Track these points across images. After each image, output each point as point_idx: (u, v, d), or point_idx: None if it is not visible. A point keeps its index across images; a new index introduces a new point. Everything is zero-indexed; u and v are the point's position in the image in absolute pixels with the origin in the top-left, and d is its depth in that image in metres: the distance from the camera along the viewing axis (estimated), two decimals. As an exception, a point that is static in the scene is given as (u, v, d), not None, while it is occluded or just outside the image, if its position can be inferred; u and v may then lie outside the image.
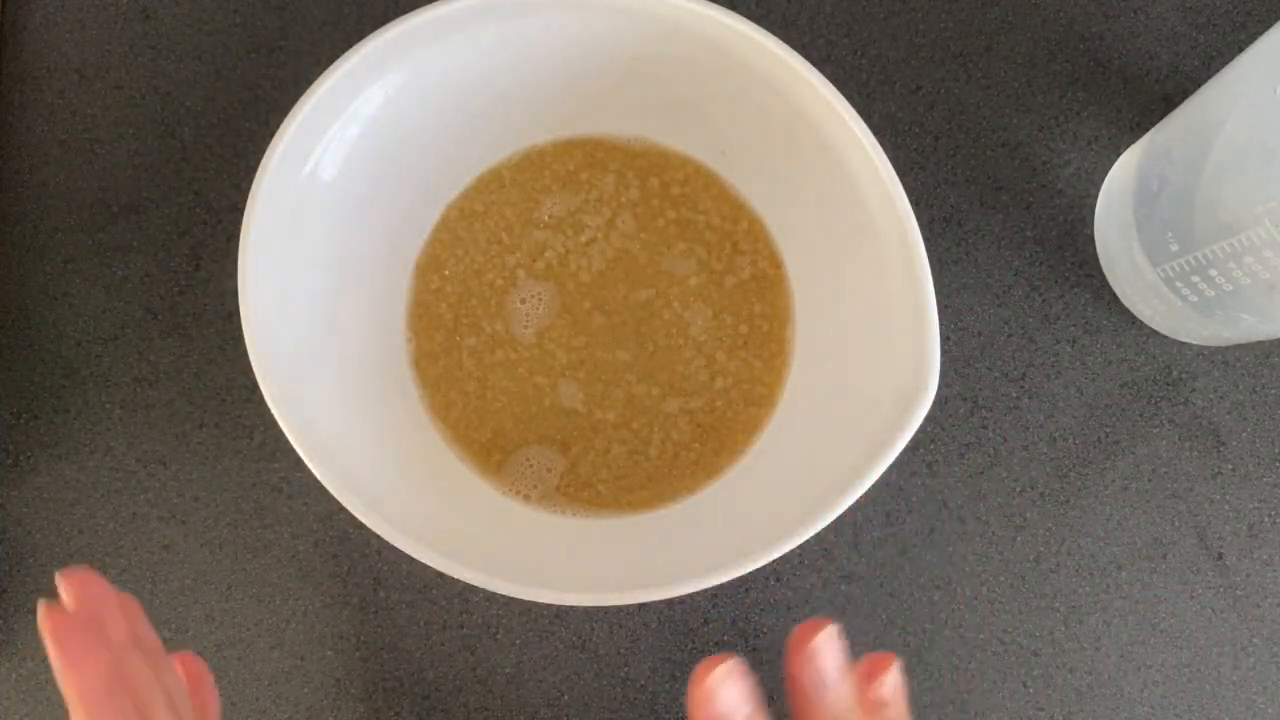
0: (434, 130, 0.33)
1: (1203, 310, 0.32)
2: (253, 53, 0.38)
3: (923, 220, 0.34)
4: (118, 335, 0.37)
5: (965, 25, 0.38)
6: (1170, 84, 0.38)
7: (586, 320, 0.35)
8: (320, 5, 0.38)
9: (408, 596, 0.36)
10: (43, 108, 0.38)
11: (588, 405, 0.35)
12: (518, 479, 0.35)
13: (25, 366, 0.37)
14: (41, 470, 0.37)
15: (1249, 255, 0.28)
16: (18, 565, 0.36)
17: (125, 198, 0.37)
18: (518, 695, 0.36)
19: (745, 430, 0.35)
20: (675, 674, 0.36)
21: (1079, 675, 0.36)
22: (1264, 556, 0.36)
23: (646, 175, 0.36)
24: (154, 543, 0.37)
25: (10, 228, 0.37)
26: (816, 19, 0.38)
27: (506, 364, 0.35)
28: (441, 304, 0.36)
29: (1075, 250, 0.37)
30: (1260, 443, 0.37)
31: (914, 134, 0.37)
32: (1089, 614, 0.36)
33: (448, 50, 0.31)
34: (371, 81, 0.30)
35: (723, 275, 0.36)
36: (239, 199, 0.29)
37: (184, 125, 0.37)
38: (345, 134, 0.31)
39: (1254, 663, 0.36)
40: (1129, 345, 0.37)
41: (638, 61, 0.32)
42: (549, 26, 0.31)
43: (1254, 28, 0.38)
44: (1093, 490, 0.37)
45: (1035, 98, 0.38)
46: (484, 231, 0.36)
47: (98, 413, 0.37)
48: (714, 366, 0.35)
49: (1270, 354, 0.37)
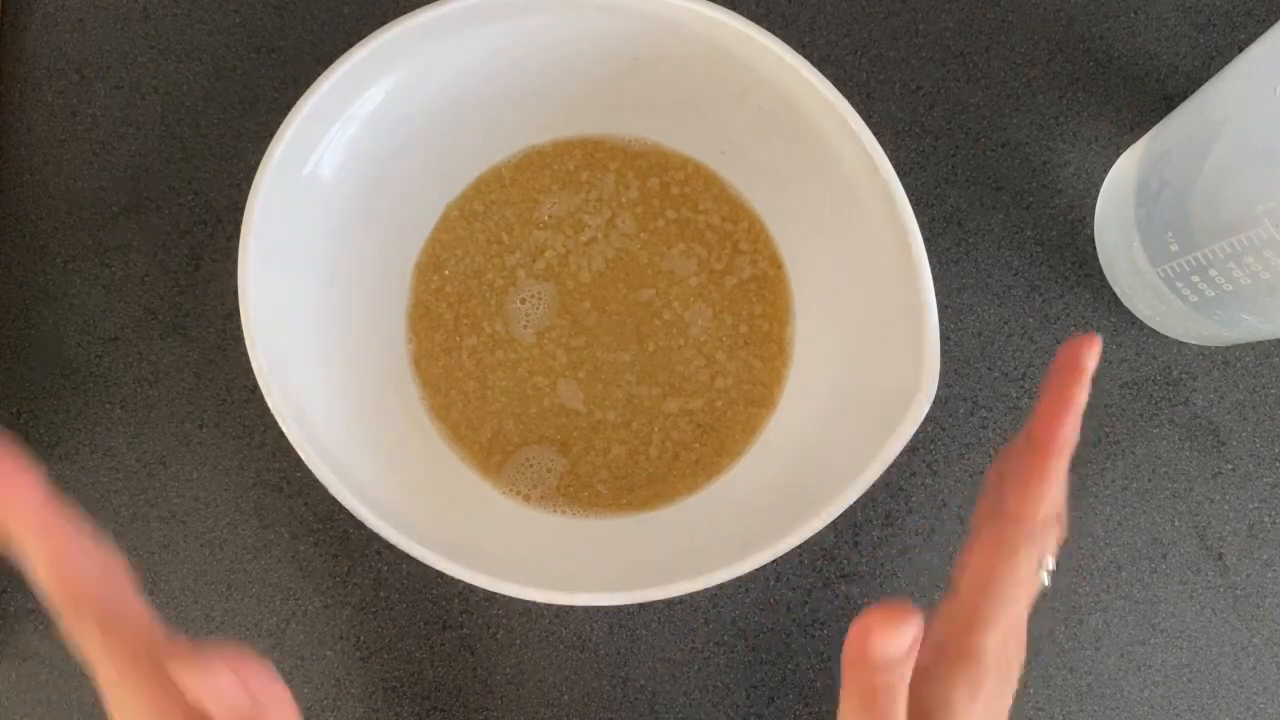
0: (434, 130, 0.33)
1: (1203, 310, 0.32)
2: (253, 53, 0.38)
3: (923, 220, 0.34)
4: (118, 335, 0.37)
5: (965, 25, 0.38)
6: (1170, 84, 0.38)
7: (586, 320, 0.35)
8: (320, 5, 0.38)
9: (408, 596, 0.36)
10: (43, 108, 0.38)
11: (588, 405, 0.35)
12: (518, 479, 0.35)
13: (25, 366, 0.37)
14: (41, 470, 0.37)
15: (1249, 255, 0.28)
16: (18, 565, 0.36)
17: (125, 198, 0.37)
18: (518, 695, 0.36)
19: (745, 430, 0.35)
20: (675, 674, 0.36)
21: (1079, 675, 0.36)
22: (1264, 556, 0.36)
23: (646, 175, 0.36)
24: (154, 543, 0.37)
25: (10, 228, 0.37)
26: (816, 19, 0.38)
27: (506, 364, 0.35)
28: (441, 304, 0.36)
29: (1075, 250, 0.37)
30: (1260, 443, 0.37)
31: (914, 134, 0.37)
32: (1089, 614, 0.36)
33: (448, 50, 0.31)
34: (371, 81, 0.30)
35: (723, 275, 0.36)
36: (239, 199, 0.29)
37: (184, 125, 0.37)
38: (345, 134, 0.31)
39: (1254, 663, 0.36)
40: (1129, 345, 0.37)
41: (638, 61, 0.32)
42: (549, 26, 0.31)
43: (1254, 28, 0.38)
44: (1093, 490, 0.37)
45: (1035, 98, 0.38)
46: (484, 231, 0.36)
47: (98, 413, 0.37)
48: (714, 366, 0.35)
49: (1270, 354, 0.37)
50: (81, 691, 0.36)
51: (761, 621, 0.36)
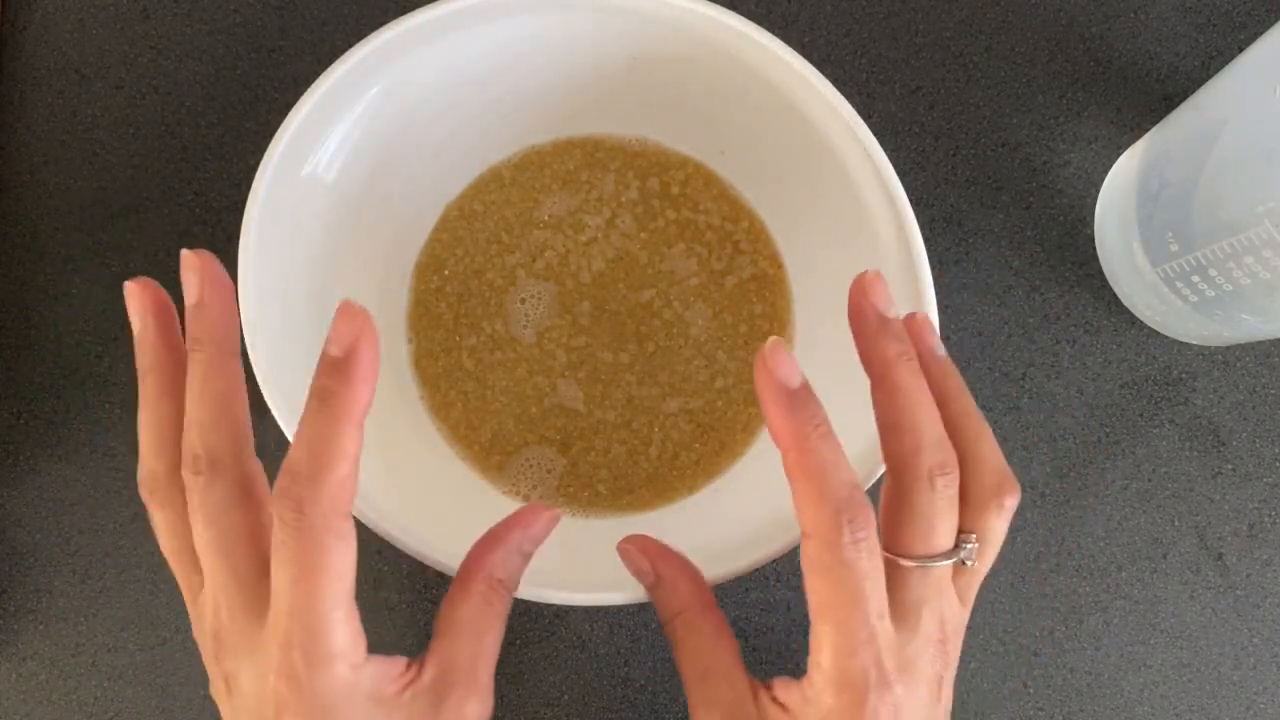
0: (433, 130, 0.33)
1: (1203, 310, 0.32)
2: (253, 53, 0.38)
3: (923, 220, 0.34)
4: (118, 335, 0.37)
5: (965, 25, 0.38)
6: (1170, 84, 0.38)
7: (586, 320, 0.35)
8: (320, 5, 0.38)
9: (407, 596, 0.36)
10: (43, 108, 0.38)
11: (588, 405, 0.35)
12: (518, 479, 0.35)
13: (25, 366, 0.37)
14: (41, 470, 0.37)
15: (1249, 255, 0.28)
16: (18, 565, 0.36)
17: (125, 198, 0.37)
18: (517, 695, 0.36)
19: (745, 430, 0.35)
20: (675, 674, 0.36)
21: (1079, 675, 0.36)
22: (1264, 556, 0.36)
23: (646, 175, 0.36)
24: (154, 543, 0.36)
25: (10, 228, 0.37)
26: (816, 19, 0.38)
27: (506, 364, 0.35)
28: (441, 304, 0.36)
29: (1075, 250, 0.37)
30: (1260, 443, 0.37)
31: (914, 134, 0.37)
32: (1089, 614, 0.36)
33: (447, 50, 0.31)
34: (371, 82, 0.30)
35: (723, 275, 0.36)
36: (239, 199, 0.29)
37: (184, 125, 0.37)
38: (345, 134, 0.31)
39: (1254, 663, 0.36)
40: (1129, 345, 0.37)
41: (638, 61, 0.32)
42: (549, 26, 0.31)
43: (1254, 28, 0.38)
44: (1093, 490, 0.37)
45: (1035, 98, 0.38)
46: (484, 231, 0.36)
47: (98, 413, 0.37)
48: (714, 366, 0.35)
49: (1270, 354, 0.37)
50: (81, 691, 0.36)
51: (761, 621, 0.36)
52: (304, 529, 0.23)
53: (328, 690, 0.23)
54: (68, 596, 0.36)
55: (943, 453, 0.25)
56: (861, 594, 0.23)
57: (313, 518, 0.23)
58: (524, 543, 0.27)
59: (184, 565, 0.26)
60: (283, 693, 0.23)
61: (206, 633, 0.25)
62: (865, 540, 0.23)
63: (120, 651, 0.36)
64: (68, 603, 0.36)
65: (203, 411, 0.25)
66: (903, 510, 0.25)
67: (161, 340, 0.27)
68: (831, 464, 0.23)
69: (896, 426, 0.25)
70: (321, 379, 0.23)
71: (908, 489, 0.25)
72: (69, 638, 0.36)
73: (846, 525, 0.23)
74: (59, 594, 0.36)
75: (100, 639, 0.36)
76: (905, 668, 0.24)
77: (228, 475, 0.25)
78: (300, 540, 0.23)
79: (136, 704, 0.36)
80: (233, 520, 0.24)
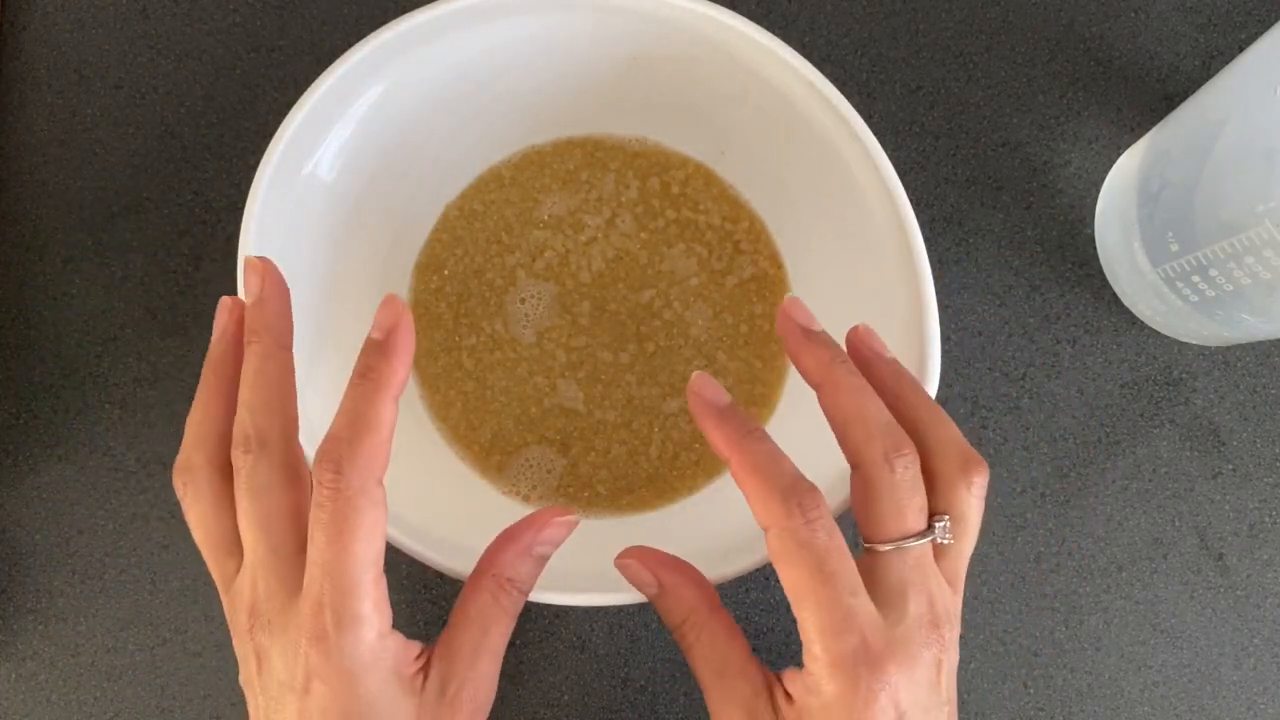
0: (433, 130, 0.33)
1: (1203, 310, 0.32)
2: (253, 53, 0.38)
3: (923, 220, 0.34)
4: (118, 335, 0.37)
5: (965, 25, 0.38)
6: (1170, 84, 0.38)
7: (586, 320, 0.35)
8: (320, 5, 0.38)
9: (407, 596, 0.36)
10: (43, 108, 0.38)
11: (588, 405, 0.35)
12: (518, 479, 0.35)
13: (25, 366, 0.37)
14: (41, 470, 0.37)
15: (1249, 255, 0.28)
16: (17, 565, 0.36)
17: (125, 198, 0.37)
18: (517, 695, 0.36)
19: (745, 430, 0.35)
20: (675, 674, 0.36)
21: (1079, 675, 0.36)
22: (1264, 556, 0.36)
23: (646, 175, 0.36)
24: (154, 543, 0.37)
25: (10, 228, 0.37)
26: (816, 19, 0.38)
27: (506, 364, 0.35)
28: (441, 304, 0.36)
29: (1075, 250, 0.37)
30: (1260, 443, 0.37)
31: (914, 134, 0.37)
32: (1089, 614, 0.36)
33: (447, 50, 0.31)
34: (371, 81, 0.30)
35: (723, 275, 0.36)
36: (239, 199, 0.29)
37: (184, 125, 0.37)
38: (345, 134, 0.31)
39: (1254, 663, 0.36)
40: (1129, 345, 0.37)
41: (638, 61, 0.32)
42: (549, 26, 0.31)
43: (1254, 28, 0.38)
44: (1093, 490, 0.37)
45: (1035, 98, 0.38)
46: (484, 231, 0.36)
47: (98, 413, 0.37)
48: (714, 366, 0.35)
49: (1270, 354, 0.37)
50: (81, 691, 0.36)
51: (761, 622, 0.36)
52: (341, 490, 0.24)
53: (355, 654, 0.24)
54: (68, 596, 0.36)
55: (894, 435, 0.25)
56: (827, 570, 0.24)
57: (349, 478, 0.24)
58: (535, 544, 0.28)
59: (216, 554, 0.26)
60: (313, 659, 0.24)
61: (241, 609, 0.26)
62: (819, 519, 0.24)
63: (120, 651, 0.36)
64: (68, 603, 0.36)
65: (255, 395, 0.26)
66: (869, 498, 0.25)
67: (238, 340, 0.28)
68: (768, 458, 0.25)
69: (846, 421, 0.26)
70: (363, 359, 0.25)
71: (870, 477, 0.25)
72: (69, 638, 0.36)
73: (797, 508, 0.24)
74: (59, 594, 0.36)
75: (100, 639, 0.36)
76: (896, 649, 0.24)
77: (275, 456, 0.26)
78: (337, 501, 0.24)
79: (136, 704, 0.36)
80: (276, 499, 0.25)
